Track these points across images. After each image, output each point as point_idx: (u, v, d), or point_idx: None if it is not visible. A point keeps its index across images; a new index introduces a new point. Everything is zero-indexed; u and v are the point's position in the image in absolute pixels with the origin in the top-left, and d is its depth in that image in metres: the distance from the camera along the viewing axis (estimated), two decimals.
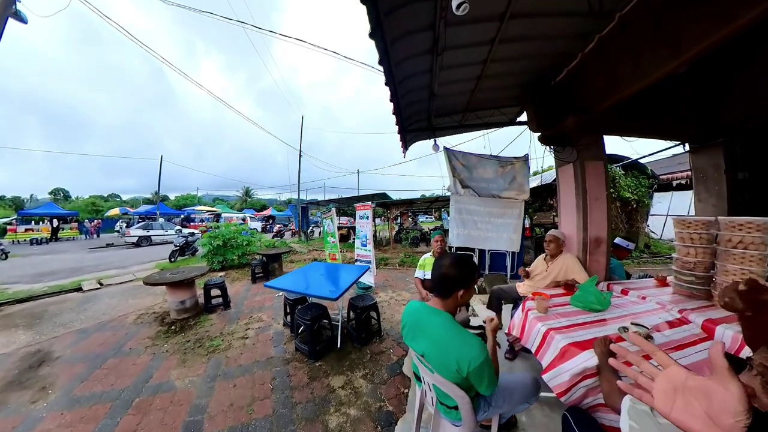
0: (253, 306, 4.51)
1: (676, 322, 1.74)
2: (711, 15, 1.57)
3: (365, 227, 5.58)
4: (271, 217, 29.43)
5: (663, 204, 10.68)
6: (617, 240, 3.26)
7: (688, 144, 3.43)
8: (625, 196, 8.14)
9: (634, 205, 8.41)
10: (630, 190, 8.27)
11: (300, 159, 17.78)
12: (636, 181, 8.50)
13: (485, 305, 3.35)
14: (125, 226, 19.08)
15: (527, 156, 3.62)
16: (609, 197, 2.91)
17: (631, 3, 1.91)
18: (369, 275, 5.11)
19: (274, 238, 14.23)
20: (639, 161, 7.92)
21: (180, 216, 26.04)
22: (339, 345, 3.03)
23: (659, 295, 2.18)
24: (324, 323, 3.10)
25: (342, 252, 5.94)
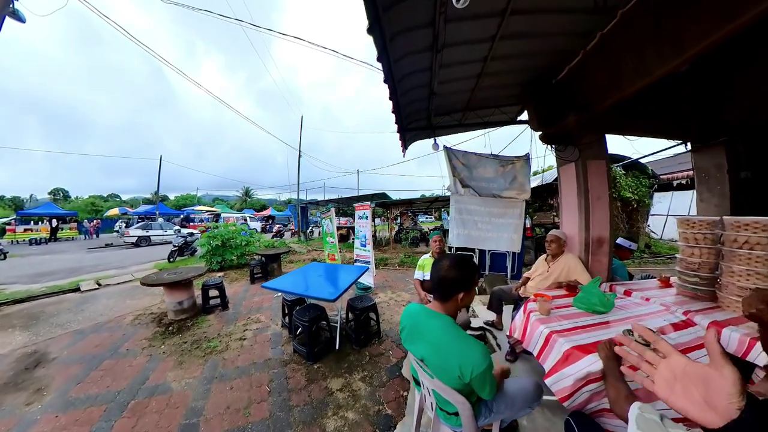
0: (252, 307, 4.48)
1: (681, 324, 1.70)
2: (714, 12, 1.54)
3: (364, 227, 5.55)
4: (271, 217, 29.39)
5: (663, 204, 10.66)
6: (619, 240, 3.22)
7: (690, 143, 3.42)
8: (626, 196, 8.12)
9: (634, 205, 8.39)
10: (631, 189, 8.25)
11: (299, 159, 17.73)
12: (636, 181, 8.47)
13: (486, 306, 3.32)
14: (124, 226, 19.05)
15: (528, 155, 3.59)
16: (611, 197, 2.87)
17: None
18: (368, 276, 5.07)
19: (273, 238, 14.20)
20: (639, 161, 7.90)
21: (179, 216, 26.01)
22: (337, 347, 3.00)
23: (663, 297, 2.16)
24: (322, 324, 3.07)
25: (341, 252, 5.91)
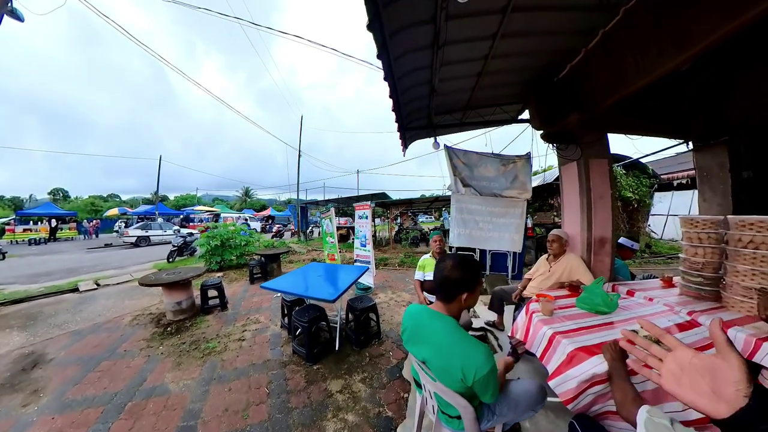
0: (251, 307, 4.45)
1: (686, 324, 1.68)
2: (718, 9, 1.52)
3: (364, 227, 5.52)
4: (271, 217, 29.35)
5: (663, 204, 10.65)
6: (621, 240, 3.20)
7: (692, 142, 3.39)
8: (627, 195, 8.10)
9: (635, 205, 8.38)
10: (631, 189, 8.23)
11: (299, 159, 17.69)
12: (637, 181, 8.46)
13: (487, 306, 3.30)
14: (124, 226, 19.02)
15: (529, 154, 3.57)
16: (613, 196, 2.85)
17: None
18: (368, 276, 5.05)
19: (273, 238, 14.16)
20: (639, 161, 7.88)
21: (179, 216, 25.97)
22: (337, 347, 2.98)
23: (666, 297, 2.13)
24: (322, 325, 3.05)
25: (341, 252, 5.88)
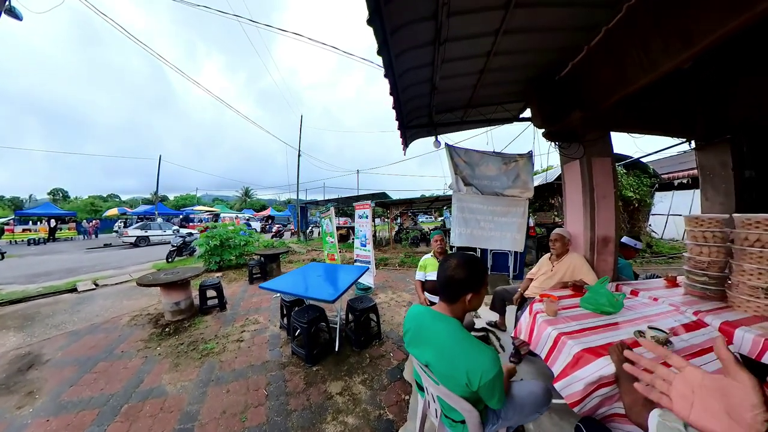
0: (250, 307, 4.41)
1: (692, 324, 1.65)
2: (723, 5, 1.48)
3: (364, 227, 5.49)
4: (271, 217, 29.31)
5: (664, 203, 10.63)
6: (624, 239, 3.17)
7: (694, 141, 3.37)
8: (628, 195, 8.07)
9: (636, 205, 8.35)
10: (632, 189, 8.20)
11: (299, 158, 17.64)
12: (638, 180, 8.43)
13: (488, 307, 3.26)
14: (123, 226, 18.96)
15: (531, 153, 3.54)
16: (616, 195, 2.82)
17: None
18: (368, 276, 5.01)
19: (272, 238, 14.12)
20: (640, 160, 7.86)
21: (178, 216, 25.93)
22: (337, 348, 2.94)
23: (671, 296, 2.11)
24: (321, 326, 3.01)
25: (341, 252, 5.85)
